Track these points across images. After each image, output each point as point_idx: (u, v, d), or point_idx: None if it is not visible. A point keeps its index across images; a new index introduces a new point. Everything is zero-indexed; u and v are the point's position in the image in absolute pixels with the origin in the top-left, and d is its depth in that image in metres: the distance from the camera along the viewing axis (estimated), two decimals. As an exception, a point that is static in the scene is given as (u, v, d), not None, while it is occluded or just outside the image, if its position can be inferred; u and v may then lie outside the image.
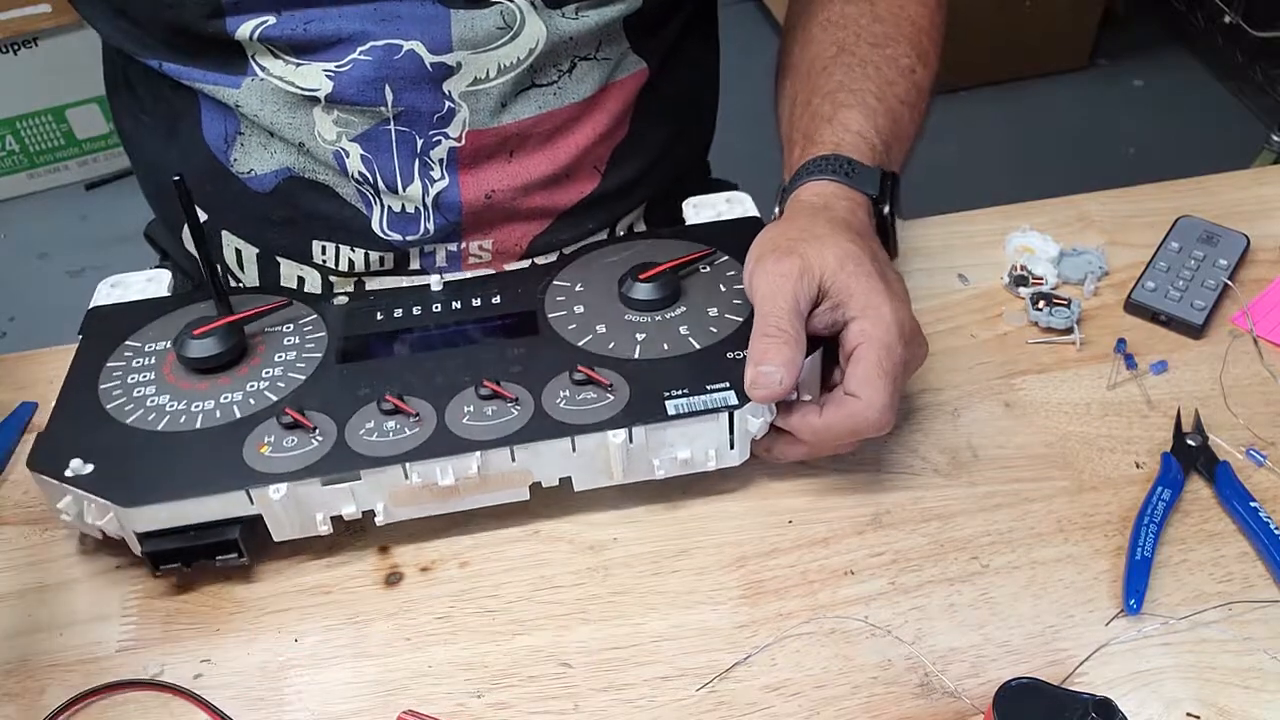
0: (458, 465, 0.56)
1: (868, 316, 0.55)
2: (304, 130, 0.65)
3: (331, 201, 0.68)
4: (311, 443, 0.56)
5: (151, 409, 0.59)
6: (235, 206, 0.69)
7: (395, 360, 0.61)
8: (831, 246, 0.56)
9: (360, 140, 0.65)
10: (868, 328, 0.54)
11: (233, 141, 0.67)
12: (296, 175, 0.67)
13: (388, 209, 0.67)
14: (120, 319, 0.65)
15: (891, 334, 0.54)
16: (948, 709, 0.52)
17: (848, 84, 0.66)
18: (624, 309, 0.63)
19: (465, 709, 0.52)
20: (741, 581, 0.57)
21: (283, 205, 0.68)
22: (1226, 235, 0.74)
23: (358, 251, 0.69)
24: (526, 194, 0.69)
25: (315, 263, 0.70)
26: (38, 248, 1.85)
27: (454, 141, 0.66)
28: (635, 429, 0.56)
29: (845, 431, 0.56)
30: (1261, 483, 0.61)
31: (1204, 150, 1.93)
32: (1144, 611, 0.55)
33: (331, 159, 0.66)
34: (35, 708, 0.53)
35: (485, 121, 0.66)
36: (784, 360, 0.54)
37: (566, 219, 0.71)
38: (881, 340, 0.54)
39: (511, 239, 0.70)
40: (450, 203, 0.67)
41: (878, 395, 0.54)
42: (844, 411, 0.55)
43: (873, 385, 0.54)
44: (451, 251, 0.70)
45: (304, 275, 0.71)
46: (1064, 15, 2.07)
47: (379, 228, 0.68)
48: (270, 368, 0.61)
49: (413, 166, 0.66)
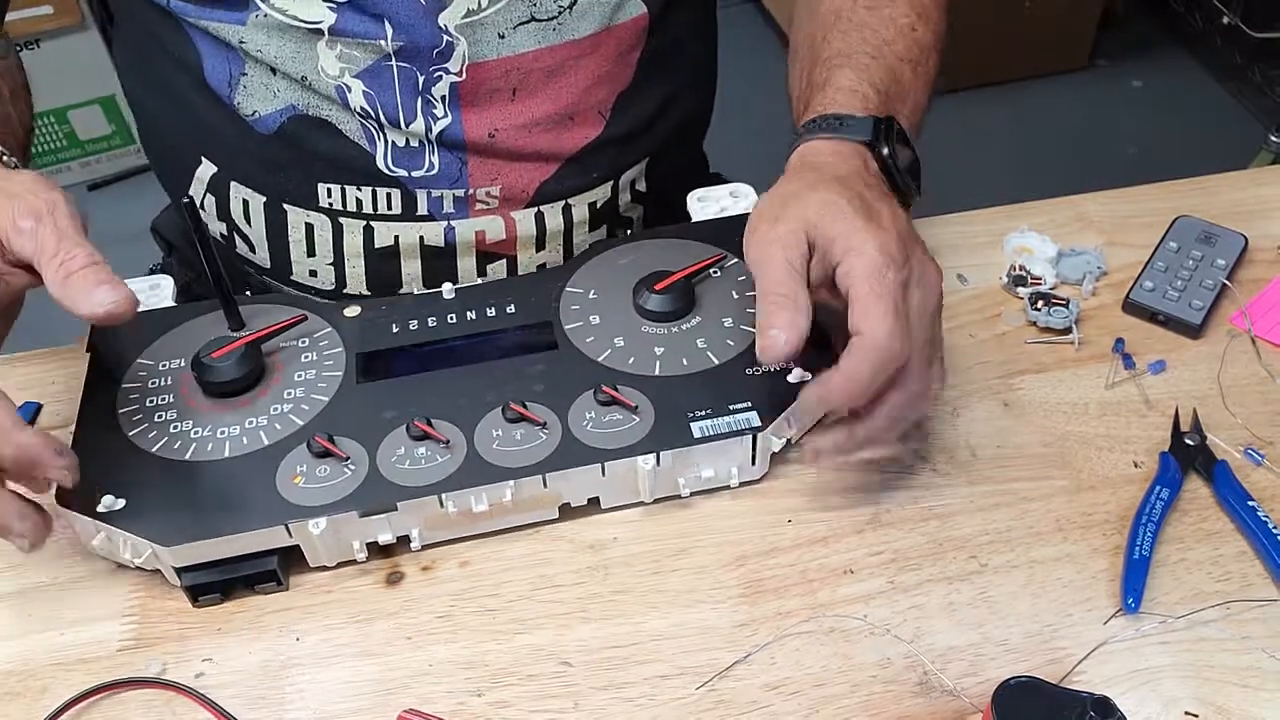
0: (491, 493, 0.57)
1: (850, 254, 0.53)
2: (307, 65, 0.65)
3: (335, 139, 0.68)
4: (345, 472, 0.57)
5: (176, 436, 0.59)
6: (241, 152, 0.70)
7: (417, 379, 0.62)
8: (812, 200, 0.55)
9: (363, 76, 0.65)
10: (852, 263, 0.53)
11: (236, 84, 0.67)
12: (300, 113, 0.67)
13: (391, 144, 0.67)
14: (128, 332, 0.65)
15: (877, 261, 0.52)
16: (946, 707, 0.52)
17: (843, 49, 0.66)
18: (640, 320, 0.64)
19: (466, 708, 0.53)
20: (741, 580, 0.57)
21: (287, 147, 0.69)
22: (1225, 235, 0.74)
23: (364, 190, 0.69)
24: (530, 134, 0.69)
25: (322, 207, 0.70)
26: (38, 248, 1.85)
27: (455, 77, 0.66)
28: (663, 454, 0.57)
29: (866, 375, 0.52)
30: (1259, 482, 0.61)
31: (1202, 150, 1.93)
32: (1142, 610, 0.55)
33: (334, 94, 0.66)
34: (36, 707, 0.53)
35: (484, 54, 0.66)
36: (786, 322, 0.52)
37: (572, 165, 0.71)
38: (867, 270, 0.52)
39: (518, 184, 0.70)
40: (454, 139, 0.67)
41: (879, 322, 0.51)
42: (855, 353, 0.52)
43: (870, 314, 0.51)
44: (459, 197, 0.69)
45: (311, 221, 0.70)
46: (1063, 16, 2.07)
47: (383, 164, 0.68)
48: (291, 388, 0.61)
49: (415, 103, 0.66)
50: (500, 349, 0.63)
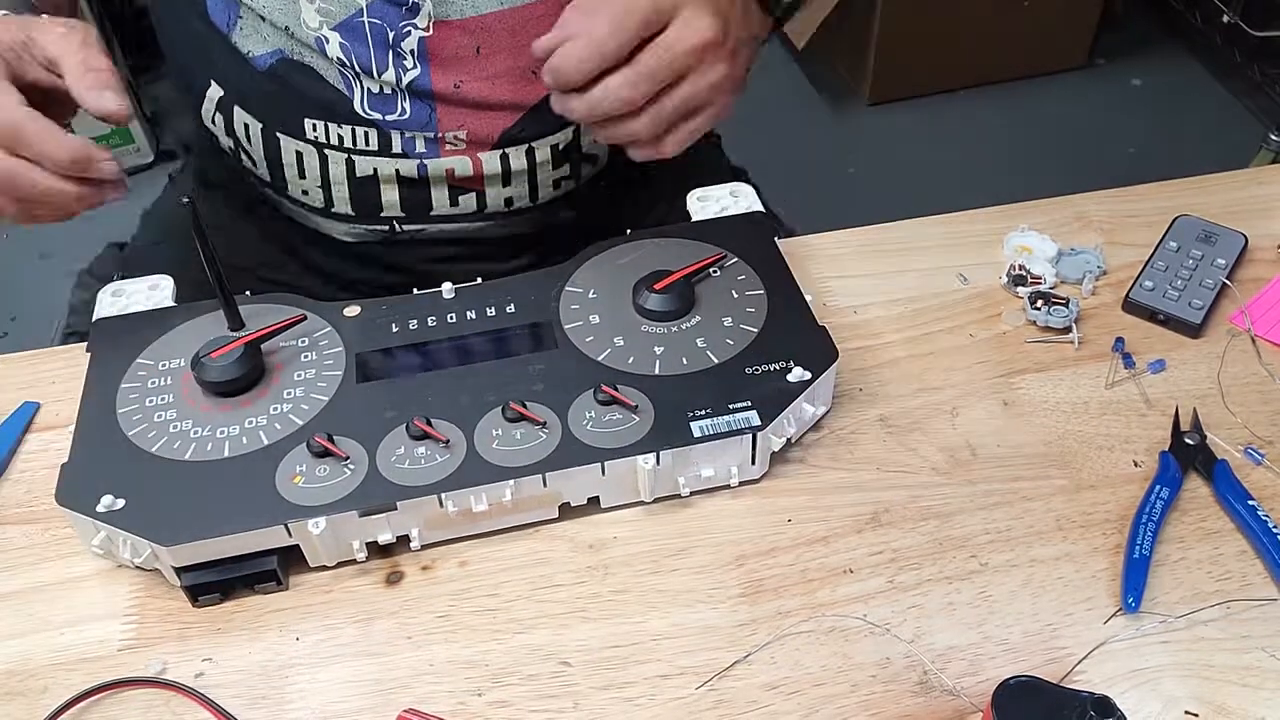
0: (491, 493, 0.57)
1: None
2: (290, 17, 0.69)
3: (318, 83, 0.72)
4: (344, 472, 0.57)
5: (176, 436, 0.59)
6: (241, 83, 0.74)
7: (416, 378, 0.62)
8: None
9: (339, 29, 0.69)
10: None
11: (234, 25, 0.72)
12: (287, 58, 0.72)
13: (367, 90, 0.72)
14: (128, 332, 0.65)
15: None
16: (946, 707, 0.52)
17: None
18: (639, 319, 0.64)
19: (466, 707, 0.53)
20: (741, 580, 0.57)
21: (277, 85, 0.73)
22: (1224, 234, 0.74)
23: (345, 128, 0.73)
24: (494, 86, 0.72)
25: (309, 139, 0.74)
26: (39, 248, 1.85)
27: (422, 32, 0.69)
28: (663, 453, 0.57)
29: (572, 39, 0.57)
30: (1259, 481, 0.61)
31: (1202, 149, 1.93)
32: (1142, 610, 0.55)
33: (314, 44, 0.70)
34: (37, 706, 0.53)
35: (450, 13, 0.69)
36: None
37: (533, 114, 0.74)
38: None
39: (483, 130, 0.74)
40: (423, 89, 0.71)
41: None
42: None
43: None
44: (429, 138, 0.73)
45: (300, 150, 0.75)
46: (1063, 15, 2.07)
47: (360, 108, 0.72)
48: (291, 388, 0.61)
49: (386, 55, 0.70)
50: (500, 348, 0.63)
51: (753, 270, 0.67)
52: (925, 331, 0.70)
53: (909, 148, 1.99)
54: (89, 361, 0.64)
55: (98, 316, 0.67)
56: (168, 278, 0.70)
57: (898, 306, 0.72)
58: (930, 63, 2.02)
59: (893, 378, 0.67)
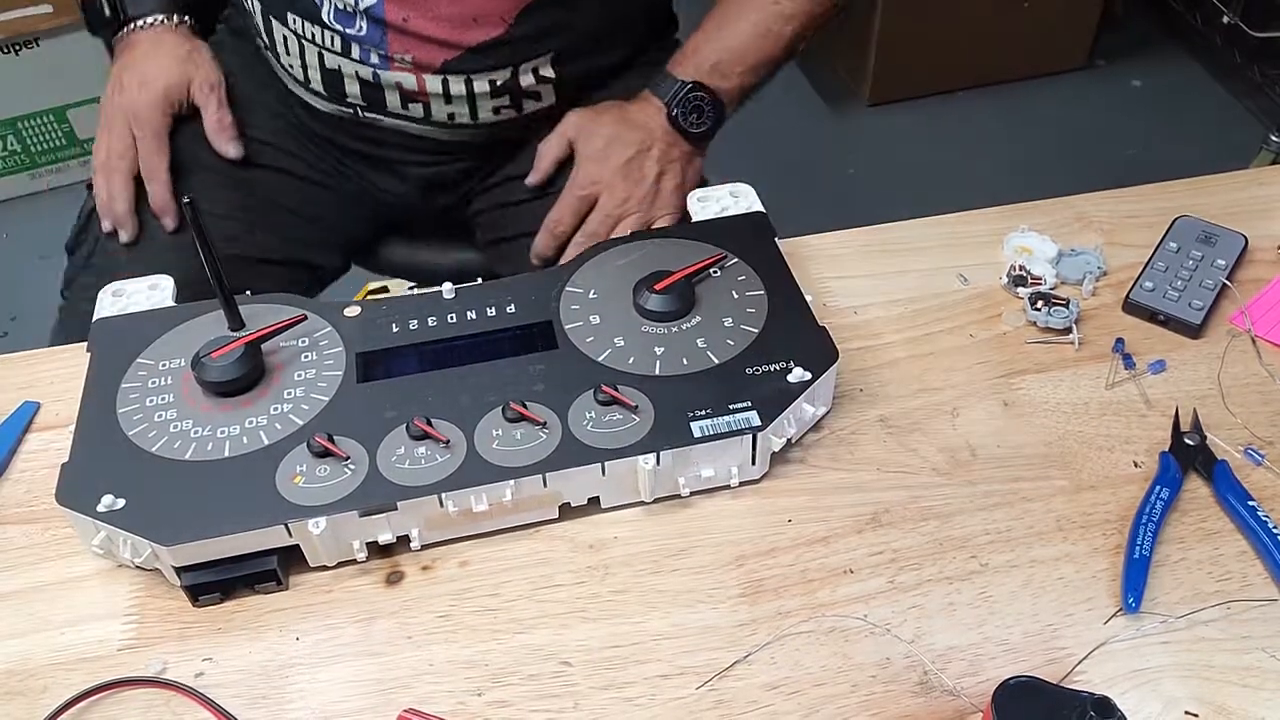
0: (491, 493, 0.57)
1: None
2: None
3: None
4: (344, 472, 0.57)
5: (176, 436, 0.59)
6: None
7: (417, 378, 0.62)
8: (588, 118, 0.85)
9: None
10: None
11: None
12: None
13: (333, 5, 0.83)
14: (128, 332, 0.65)
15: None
16: (946, 707, 0.52)
17: (708, 18, 0.86)
18: (640, 320, 0.64)
19: (466, 707, 0.53)
20: (741, 580, 0.57)
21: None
22: (1224, 235, 0.74)
23: (316, 29, 0.85)
24: (438, 26, 0.82)
25: (291, 29, 0.86)
26: (39, 248, 1.84)
27: None
28: (663, 453, 0.57)
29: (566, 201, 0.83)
30: (1259, 481, 0.61)
31: (1202, 150, 1.93)
32: (1142, 610, 0.55)
33: None
34: (37, 706, 0.53)
35: None
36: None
37: (474, 53, 0.84)
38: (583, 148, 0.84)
39: (427, 58, 0.84)
40: (377, 16, 0.82)
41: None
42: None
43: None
44: (381, 54, 0.84)
45: (286, 35, 0.87)
46: (1062, 15, 2.07)
47: (327, 17, 0.84)
48: (291, 388, 0.61)
49: None
50: (500, 349, 0.63)
51: (753, 270, 0.67)
52: (925, 332, 0.70)
53: (909, 148, 1.99)
54: (89, 361, 0.64)
55: (98, 317, 0.67)
56: (168, 278, 0.70)
57: (898, 307, 0.72)
58: (930, 63, 2.02)
59: (893, 378, 0.67)
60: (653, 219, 0.82)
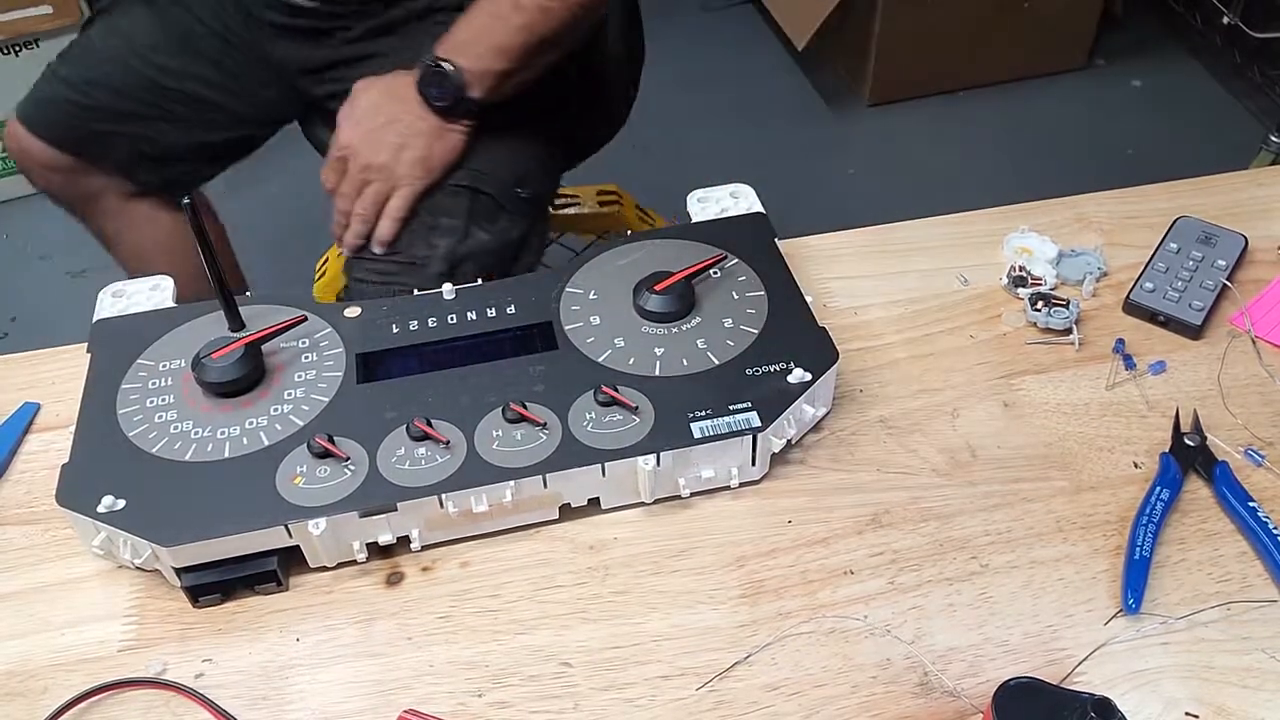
0: (491, 493, 0.57)
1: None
2: None
3: None
4: (345, 473, 0.57)
5: (176, 437, 0.59)
6: None
7: (417, 379, 0.62)
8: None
9: None
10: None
11: None
12: None
13: None
14: (128, 333, 0.65)
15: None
16: (947, 708, 0.52)
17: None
18: (640, 320, 0.64)
19: (466, 708, 0.53)
20: (741, 581, 0.57)
21: None
22: (1225, 236, 0.74)
23: None
24: None
25: None
26: (39, 249, 1.84)
27: None
28: (663, 454, 0.57)
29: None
30: (1260, 482, 0.61)
31: (1202, 151, 1.93)
32: (1143, 611, 0.55)
33: None
34: (37, 707, 0.53)
35: None
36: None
37: None
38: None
39: None
40: None
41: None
42: None
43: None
44: None
45: None
46: (1062, 16, 2.06)
47: None
48: (291, 389, 0.61)
49: None
50: (500, 349, 0.63)
51: (753, 271, 0.67)
52: (925, 333, 0.70)
53: (909, 148, 1.99)
54: (89, 362, 0.64)
55: (98, 317, 0.67)
56: (168, 278, 0.70)
57: (898, 307, 0.72)
58: (930, 63, 2.02)
59: (893, 379, 0.67)
60: (391, 189, 0.86)
